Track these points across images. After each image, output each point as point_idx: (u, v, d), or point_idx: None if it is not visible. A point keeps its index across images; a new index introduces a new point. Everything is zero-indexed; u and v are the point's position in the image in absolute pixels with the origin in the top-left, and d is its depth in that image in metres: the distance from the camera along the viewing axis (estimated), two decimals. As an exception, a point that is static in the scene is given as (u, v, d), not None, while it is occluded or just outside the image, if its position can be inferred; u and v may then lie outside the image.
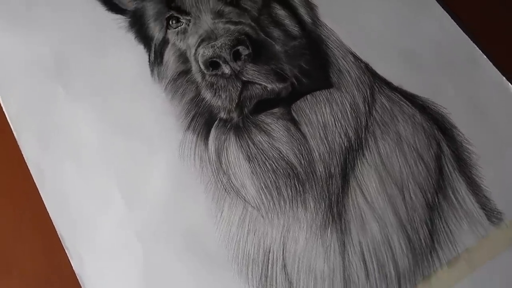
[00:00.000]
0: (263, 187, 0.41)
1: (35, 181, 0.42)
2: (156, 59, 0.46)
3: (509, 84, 0.47)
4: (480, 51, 0.48)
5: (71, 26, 0.47)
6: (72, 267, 0.39)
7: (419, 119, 0.44)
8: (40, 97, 0.45)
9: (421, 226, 0.40)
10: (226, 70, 0.41)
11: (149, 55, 0.46)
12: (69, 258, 0.40)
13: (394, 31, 0.49)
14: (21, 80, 0.45)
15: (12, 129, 0.44)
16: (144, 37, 0.47)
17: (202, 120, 0.43)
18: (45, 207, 0.41)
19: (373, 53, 0.47)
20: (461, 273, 0.39)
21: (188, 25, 0.45)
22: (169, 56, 0.46)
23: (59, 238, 0.40)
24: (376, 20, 0.49)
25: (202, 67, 0.42)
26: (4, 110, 0.44)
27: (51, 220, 0.40)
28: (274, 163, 0.41)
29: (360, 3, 0.50)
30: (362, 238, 0.40)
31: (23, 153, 0.43)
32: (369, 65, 0.46)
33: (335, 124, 0.43)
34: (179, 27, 0.46)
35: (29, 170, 0.42)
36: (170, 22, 0.46)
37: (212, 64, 0.41)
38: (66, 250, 0.40)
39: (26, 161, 0.42)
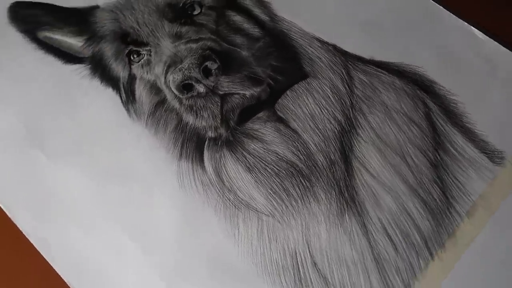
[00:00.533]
0: (271, 193, 0.40)
1: (42, 254, 0.40)
2: (129, 98, 0.45)
3: (470, 26, 0.48)
4: (435, 2, 0.49)
5: (34, 90, 0.46)
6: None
7: (399, 84, 0.45)
8: (23, 168, 0.43)
9: (432, 186, 0.41)
10: (201, 89, 0.41)
11: (120, 96, 0.45)
12: (100, 320, 0.38)
13: (350, 6, 0.49)
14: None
15: (3, 208, 0.42)
16: (109, 79, 0.46)
17: (192, 145, 0.43)
18: (62, 279, 0.39)
19: (337, 33, 0.47)
20: (482, 219, 0.40)
21: (150, 55, 0.45)
22: (140, 91, 0.45)
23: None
24: (330, 0, 0.49)
25: (176, 92, 0.42)
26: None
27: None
28: (274, 166, 0.41)
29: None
30: (380, 214, 0.40)
31: (21, 229, 0.41)
32: (337, 46, 0.46)
33: (322, 112, 0.43)
34: (142, 60, 0.45)
35: (33, 245, 0.40)
36: (132, 57, 0.45)
37: (185, 87, 0.41)
38: (94, 314, 0.38)
39: (27, 237, 0.41)
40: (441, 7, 0.49)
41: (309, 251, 0.39)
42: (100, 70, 0.46)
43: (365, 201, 0.40)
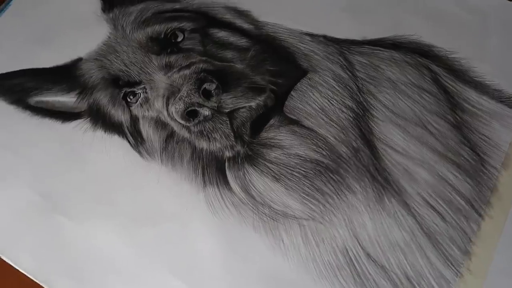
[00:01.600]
0: (305, 196, 0.40)
1: (93, 318, 0.39)
2: (137, 140, 0.44)
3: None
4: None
5: (40, 156, 0.45)
6: None
7: (398, 56, 0.44)
8: (49, 237, 0.42)
9: (460, 147, 0.40)
10: (206, 112, 0.40)
11: (128, 140, 0.44)
12: None
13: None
14: (22, 233, 0.42)
15: (40, 283, 0.40)
16: (112, 126, 0.45)
17: (213, 170, 0.42)
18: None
19: (323, 23, 0.47)
20: (519, 167, 0.39)
21: (146, 92, 0.44)
22: (146, 130, 0.44)
23: None
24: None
25: (182, 122, 0.41)
26: (21, 270, 0.41)
27: None
28: (300, 169, 0.40)
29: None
30: (418, 189, 0.39)
31: (64, 299, 0.40)
32: (327, 35, 0.46)
33: (331, 103, 0.42)
34: (139, 99, 0.44)
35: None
36: (128, 99, 0.44)
37: (190, 114, 0.40)
38: None
39: (73, 305, 0.39)
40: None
41: (359, 243, 0.38)
42: (101, 120, 0.45)
43: (400, 179, 0.39)
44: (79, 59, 0.48)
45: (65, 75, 0.48)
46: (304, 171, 0.40)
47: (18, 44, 0.51)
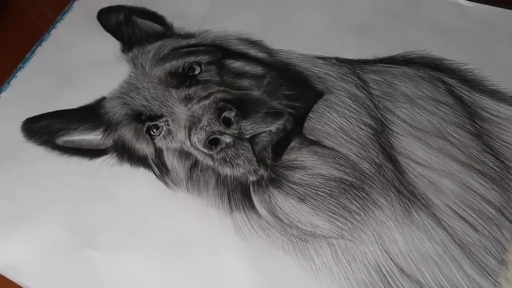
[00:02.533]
0: (332, 214, 0.40)
1: None
2: (162, 171, 0.45)
3: (453, -1, 0.50)
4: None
5: (69, 193, 0.46)
6: None
7: (411, 72, 0.45)
8: (82, 273, 0.42)
9: (484, 156, 0.40)
10: (227, 139, 0.41)
11: (154, 172, 0.45)
12: None
13: (336, 19, 0.51)
14: (55, 270, 0.43)
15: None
16: (138, 160, 0.46)
17: (238, 195, 0.42)
18: None
19: (334, 46, 0.48)
20: (545, 171, 0.39)
21: (168, 124, 0.45)
22: (171, 160, 0.45)
23: None
24: (314, 16, 0.51)
25: (205, 150, 0.42)
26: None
27: None
28: (325, 188, 0.41)
29: (291, 13, 0.52)
30: (445, 200, 0.39)
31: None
32: (339, 57, 0.47)
33: (349, 121, 0.43)
34: (162, 131, 0.46)
35: None
36: (151, 132, 0.46)
37: (212, 142, 0.41)
38: None
39: None
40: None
41: (391, 259, 0.37)
42: (126, 154, 0.47)
43: (426, 192, 0.39)
44: (103, 98, 0.50)
45: (90, 114, 0.49)
46: (329, 190, 0.40)
47: (45, 88, 0.53)
